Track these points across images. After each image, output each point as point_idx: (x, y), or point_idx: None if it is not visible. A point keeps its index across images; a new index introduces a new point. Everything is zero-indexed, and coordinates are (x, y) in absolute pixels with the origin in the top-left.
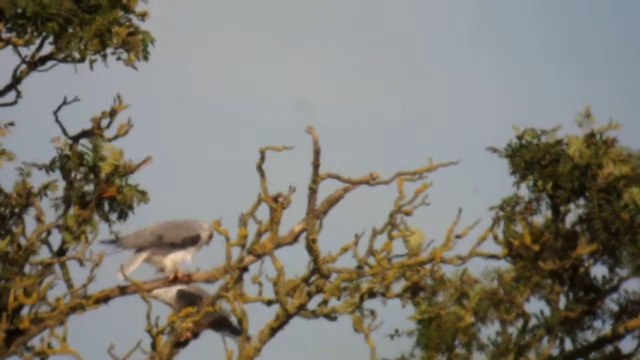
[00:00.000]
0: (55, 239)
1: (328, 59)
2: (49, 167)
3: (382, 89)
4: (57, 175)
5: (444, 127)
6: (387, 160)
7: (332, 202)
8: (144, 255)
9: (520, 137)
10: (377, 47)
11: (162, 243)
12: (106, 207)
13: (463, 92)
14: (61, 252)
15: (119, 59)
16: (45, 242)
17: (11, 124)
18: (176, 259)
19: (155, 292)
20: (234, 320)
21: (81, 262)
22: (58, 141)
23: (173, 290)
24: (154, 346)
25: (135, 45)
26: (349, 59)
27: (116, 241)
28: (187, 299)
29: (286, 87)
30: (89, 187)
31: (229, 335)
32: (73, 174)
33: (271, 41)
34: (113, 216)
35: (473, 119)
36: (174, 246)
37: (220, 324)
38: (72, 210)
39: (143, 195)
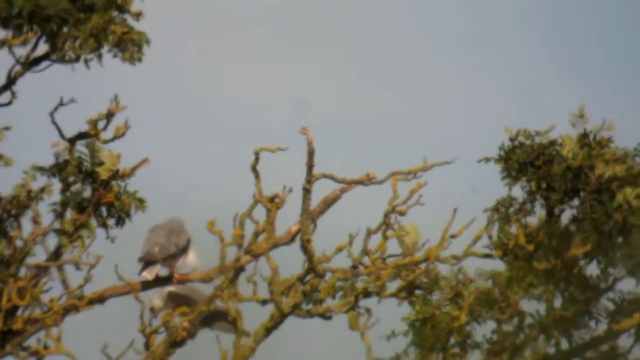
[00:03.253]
0: (52, 242)
1: (326, 59)
2: (50, 173)
3: (380, 90)
4: (55, 179)
5: (441, 127)
6: (385, 161)
7: (329, 202)
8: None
9: (513, 139)
10: (376, 48)
11: (179, 249)
12: (104, 212)
13: (461, 92)
14: (57, 254)
15: (115, 56)
16: (42, 243)
17: (7, 128)
18: (180, 265)
19: (154, 304)
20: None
21: (77, 266)
22: (57, 146)
23: (164, 291)
24: (147, 346)
25: (130, 45)
26: (347, 60)
27: (145, 257)
28: (178, 301)
29: (284, 88)
30: (87, 192)
31: (225, 329)
32: (71, 179)
33: (269, 41)
34: (111, 222)
35: (471, 119)
36: (184, 250)
37: (216, 317)
38: (70, 215)
39: (141, 203)
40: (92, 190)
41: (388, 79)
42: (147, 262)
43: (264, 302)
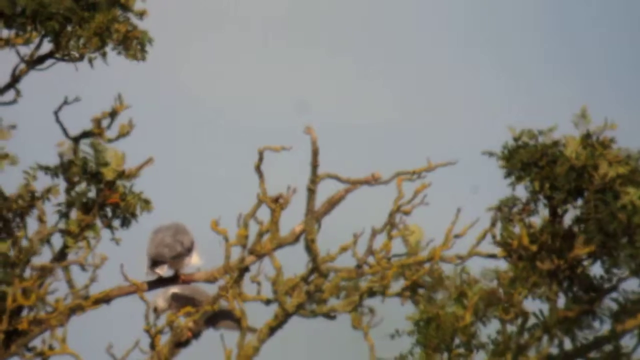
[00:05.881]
0: (57, 242)
1: (328, 61)
2: (54, 172)
3: (381, 91)
4: (60, 179)
5: (444, 127)
6: (388, 162)
7: (334, 202)
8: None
9: (516, 139)
10: (378, 48)
11: (185, 249)
12: (109, 213)
13: (463, 92)
14: (62, 254)
15: (119, 53)
16: (48, 243)
17: (13, 126)
18: (186, 265)
19: (157, 304)
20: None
21: (83, 267)
22: (62, 146)
23: (168, 292)
24: (152, 346)
25: (134, 43)
26: (349, 61)
27: (155, 257)
28: (181, 301)
29: (286, 89)
30: (92, 193)
31: (229, 326)
32: (76, 179)
33: (271, 42)
34: (116, 223)
35: (473, 120)
36: (189, 251)
37: (220, 316)
38: (75, 215)
39: (147, 203)
40: (97, 190)
41: (390, 80)
42: (156, 261)
43: (268, 302)
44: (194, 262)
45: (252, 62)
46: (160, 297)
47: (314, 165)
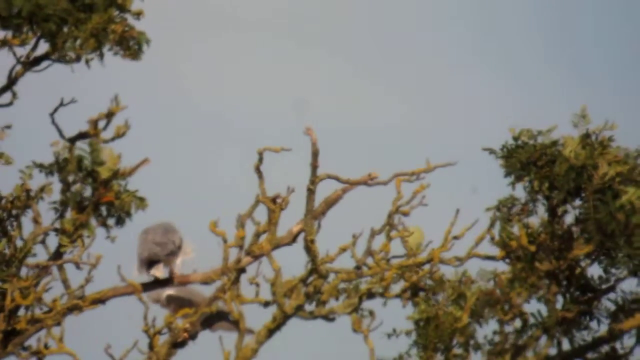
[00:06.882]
0: (53, 242)
1: (327, 62)
2: (49, 170)
3: (381, 92)
4: (54, 178)
5: (443, 128)
6: (387, 164)
7: (331, 202)
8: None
9: (516, 139)
10: (376, 49)
11: (177, 247)
12: (104, 212)
13: (462, 92)
14: (58, 254)
15: (115, 54)
16: (42, 243)
17: (8, 126)
18: (179, 262)
19: (154, 297)
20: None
21: (77, 266)
22: (57, 145)
23: (163, 294)
24: (151, 346)
25: (131, 42)
26: (348, 62)
27: (150, 256)
28: (176, 303)
29: (285, 90)
30: (87, 192)
31: (225, 328)
32: (71, 178)
33: (270, 43)
34: (111, 221)
35: (472, 120)
36: (179, 249)
37: (216, 318)
38: (70, 214)
39: (141, 201)
40: (92, 189)
41: (389, 81)
42: (151, 261)
43: (266, 304)
44: (188, 256)
45: (252, 62)
46: (151, 295)
47: (314, 166)
